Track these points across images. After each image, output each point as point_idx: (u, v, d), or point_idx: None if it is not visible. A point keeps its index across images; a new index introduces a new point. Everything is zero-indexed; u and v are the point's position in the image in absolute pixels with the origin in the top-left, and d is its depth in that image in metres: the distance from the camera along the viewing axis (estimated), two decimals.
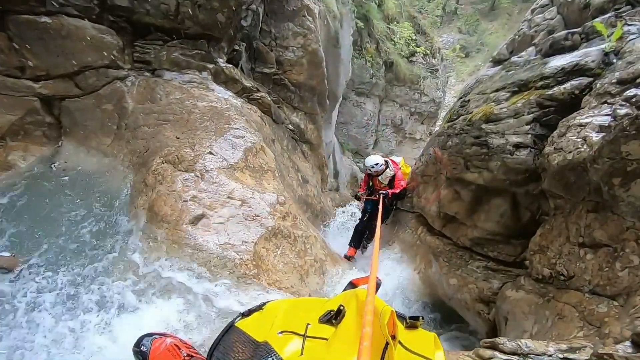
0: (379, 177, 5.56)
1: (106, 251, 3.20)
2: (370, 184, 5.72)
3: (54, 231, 3.30)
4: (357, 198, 6.00)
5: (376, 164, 5.46)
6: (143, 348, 1.48)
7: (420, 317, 1.03)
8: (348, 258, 5.40)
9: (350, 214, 7.77)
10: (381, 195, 5.09)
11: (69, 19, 3.77)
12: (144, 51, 4.39)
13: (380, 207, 4.39)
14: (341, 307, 0.99)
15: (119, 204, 3.67)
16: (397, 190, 5.35)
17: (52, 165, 3.97)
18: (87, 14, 3.87)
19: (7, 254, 3.02)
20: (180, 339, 1.58)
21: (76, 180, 3.85)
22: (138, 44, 4.39)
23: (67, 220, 3.43)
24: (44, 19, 3.66)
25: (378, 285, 1.16)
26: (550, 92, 2.72)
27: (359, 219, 5.86)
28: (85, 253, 3.16)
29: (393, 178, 5.48)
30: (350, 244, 5.66)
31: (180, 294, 2.96)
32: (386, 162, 5.68)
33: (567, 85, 2.65)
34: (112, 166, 4.03)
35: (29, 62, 3.72)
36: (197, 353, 1.53)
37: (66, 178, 3.85)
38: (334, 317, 1.00)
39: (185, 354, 1.47)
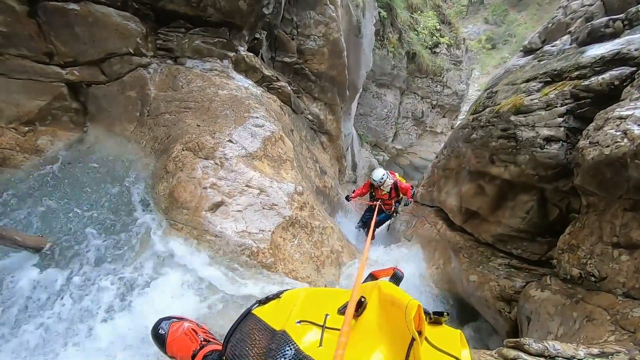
0: (381, 187, 5.98)
1: (127, 236, 3.27)
2: (373, 193, 6.16)
3: (78, 214, 3.39)
4: (347, 199, 6.47)
5: (382, 178, 5.88)
6: (161, 331, 1.49)
7: (445, 313, 0.98)
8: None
9: None
10: (378, 203, 5.77)
11: (96, 6, 3.81)
12: (166, 39, 4.41)
13: (375, 213, 5.02)
14: (362, 299, 0.95)
15: (141, 189, 3.73)
16: (410, 193, 5.78)
17: (79, 150, 4.07)
18: (113, 1, 3.90)
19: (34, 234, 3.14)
20: (197, 324, 1.58)
21: (101, 165, 3.93)
22: (161, 31, 4.41)
23: (91, 203, 3.52)
24: (72, 5, 3.71)
25: (400, 278, 1.11)
26: (586, 82, 2.56)
27: (360, 220, 6.57)
28: (107, 236, 3.23)
29: (394, 187, 5.90)
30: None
31: (197, 279, 3.00)
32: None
33: (606, 75, 2.48)
34: (134, 152, 4.10)
35: (57, 48, 3.80)
36: (213, 338, 1.52)
37: (91, 163, 3.94)
38: (354, 309, 0.97)
39: (202, 339, 1.47)
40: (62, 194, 3.57)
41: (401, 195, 5.91)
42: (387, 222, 6.62)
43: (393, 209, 6.10)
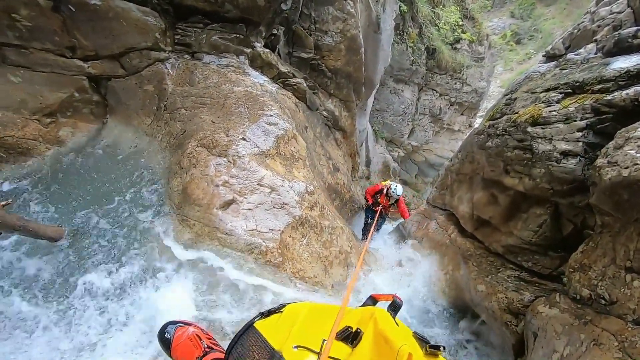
0: (392, 198, 6.85)
1: (141, 229, 3.37)
2: (378, 198, 6.95)
3: (97, 206, 3.51)
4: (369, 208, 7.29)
5: (399, 194, 6.79)
6: (167, 335, 1.54)
7: (442, 347, 0.99)
8: None
9: None
10: (380, 208, 6.75)
11: (116, 1, 3.86)
12: (184, 34, 4.45)
13: (376, 217, 5.99)
14: (358, 330, 0.98)
15: (156, 183, 3.83)
16: (407, 216, 6.70)
17: (98, 142, 4.18)
18: None
19: (53, 224, 3.27)
20: (202, 329, 1.63)
21: (119, 157, 4.04)
22: (179, 26, 4.45)
23: (108, 196, 3.63)
24: (94, 0, 3.77)
25: (399, 307, 1.12)
26: (609, 97, 2.46)
27: (364, 223, 7.26)
28: (121, 231, 3.34)
29: (397, 200, 6.87)
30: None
31: (207, 276, 3.08)
32: None
33: (631, 90, 2.37)
34: (151, 146, 4.19)
35: (79, 42, 3.88)
36: (216, 345, 1.57)
37: (110, 155, 4.05)
38: (350, 339, 0.99)
39: (205, 345, 1.52)
40: (81, 184, 3.70)
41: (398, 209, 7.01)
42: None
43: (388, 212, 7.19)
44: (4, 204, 2.67)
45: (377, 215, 6.54)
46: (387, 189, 6.82)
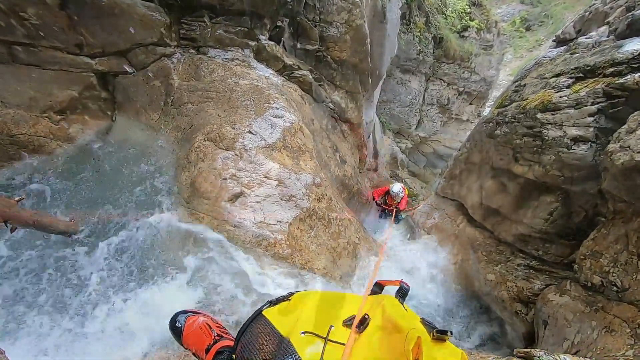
0: (395, 197, 7.40)
1: (152, 223, 3.42)
2: (386, 199, 7.62)
3: (106, 201, 3.57)
4: (378, 204, 8.02)
5: (399, 192, 7.27)
6: (178, 324, 1.57)
7: (449, 332, 0.99)
8: None
9: None
10: (394, 209, 7.38)
11: None
12: (190, 28, 4.45)
13: (392, 217, 6.70)
14: (366, 316, 0.98)
15: (164, 178, 3.87)
16: (402, 208, 7.49)
17: (107, 138, 4.23)
18: None
19: (67, 219, 3.33)
20: (212, 318, 1.66)
21: (127, 153, 4.09)
22: (184, 20, 4.45)
23: (119, 190, 3.69)
24: None
25: (406, 292, 1.12)
26: (621, 80, 2.39)
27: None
28: (132, 224, 3.39)
29: (401, 199, 7.45)
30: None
31: (217, 268, 3.12)
32: None
33: None
34: (159, 141, 4.23)
35: (87, 39, 3.91)
36: (227, 333, 1.59)
37: (119, 151, 4.10)
38: (357, 324, 0.99)
39: (215, 334, 1.54)
40: (91, 180, 3.76)
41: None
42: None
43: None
44: (17, 199, 2.73)
45: (393, 217, 7.15)
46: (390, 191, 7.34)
